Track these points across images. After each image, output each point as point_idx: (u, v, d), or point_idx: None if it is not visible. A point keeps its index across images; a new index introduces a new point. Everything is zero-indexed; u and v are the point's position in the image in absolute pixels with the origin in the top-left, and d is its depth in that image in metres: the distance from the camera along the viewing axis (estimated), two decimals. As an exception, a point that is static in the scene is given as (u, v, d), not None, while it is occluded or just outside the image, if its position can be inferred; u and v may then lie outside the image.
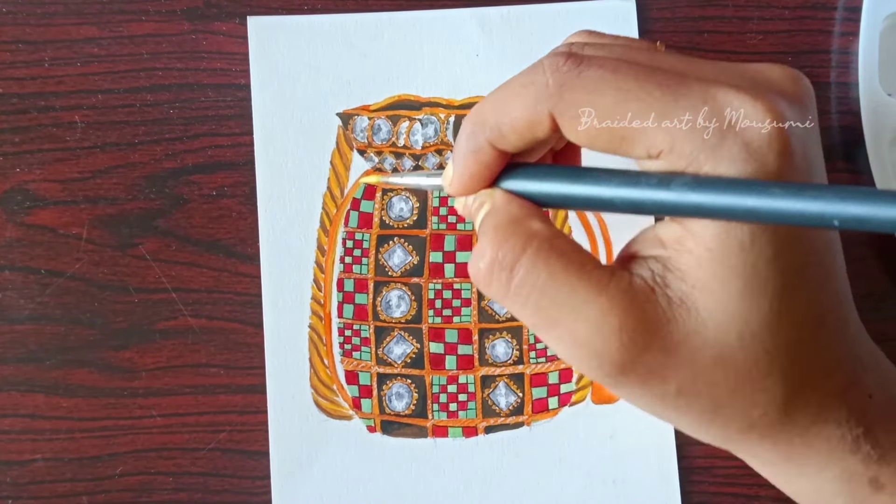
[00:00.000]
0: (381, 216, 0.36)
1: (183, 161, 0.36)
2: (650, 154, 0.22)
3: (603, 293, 0.22)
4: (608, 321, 0.22)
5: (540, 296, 0.23)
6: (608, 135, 0.22)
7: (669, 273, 0.22)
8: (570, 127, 0.23)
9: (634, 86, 0.22)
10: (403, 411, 0.35)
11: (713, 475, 0.35)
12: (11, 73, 0.36)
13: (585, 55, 0.23)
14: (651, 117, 0.21)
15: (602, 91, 0.22)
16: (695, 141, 0.21)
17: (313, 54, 0.36)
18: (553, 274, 0.22)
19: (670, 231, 0.22)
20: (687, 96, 0.21)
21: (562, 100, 0.22)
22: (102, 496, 0.35)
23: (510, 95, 0.24)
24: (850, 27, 0.37)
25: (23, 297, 0.35)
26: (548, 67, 0.23)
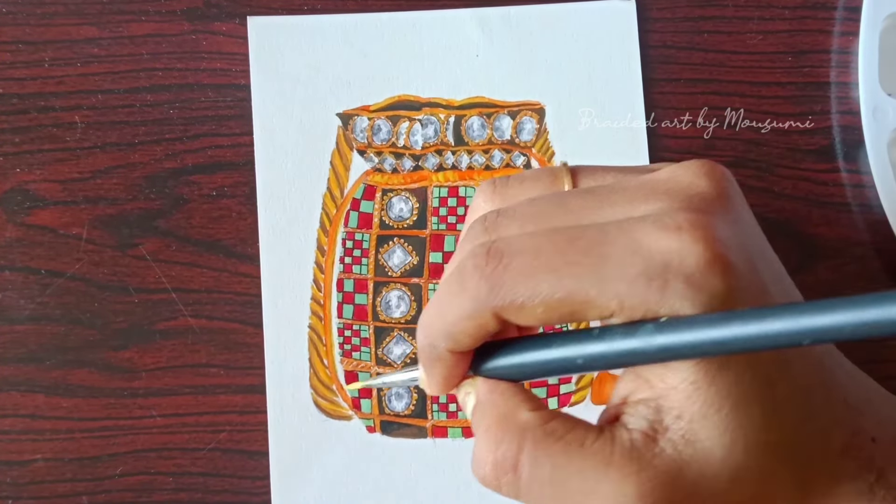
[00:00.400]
0: (380, 216, 0.36)
1: (183, 161, 0.36)
2: (603, 317, 0.22)
3: (610, 465, 0.22)
4: (625, 493, 0.21)
5: (552, 489, 0.22)
6: (557, 313, 0.22)
7: (663, 414, 0.22)
8: (517, 316, 0.22)
9: (562, 262, 0.21)
10: (403, 411, 0.35)
11: (713, 475, 0.35)
12: (11, 73, 0.36)
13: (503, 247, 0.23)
14: (590, 286, 0.21)
15: (536, 279, 0.22)
16: (639, 293, 0.21)
17: (313, 54, 0.36)
18: (556, 465, 0.22)
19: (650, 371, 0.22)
20: (613, 254, 0.21)
21: (498, 298, 0.22)
22: (102, 496, 0.35)
23: (448, 305, 0.23)
24: (850, 27, 0.37)
25: (23, 298, 0.35)
26: (473, 271, 0.23)
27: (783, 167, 0.37)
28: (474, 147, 0.36)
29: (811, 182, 0.37)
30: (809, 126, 0.37)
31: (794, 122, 0.37)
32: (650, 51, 0.37)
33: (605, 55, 0.36)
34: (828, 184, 0.37)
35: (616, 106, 0.36)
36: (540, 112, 0.36)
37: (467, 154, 0.36)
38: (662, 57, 0.37)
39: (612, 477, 0.22)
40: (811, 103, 0.37)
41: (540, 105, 0.36)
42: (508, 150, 0.36)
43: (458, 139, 0.36)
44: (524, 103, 0.36)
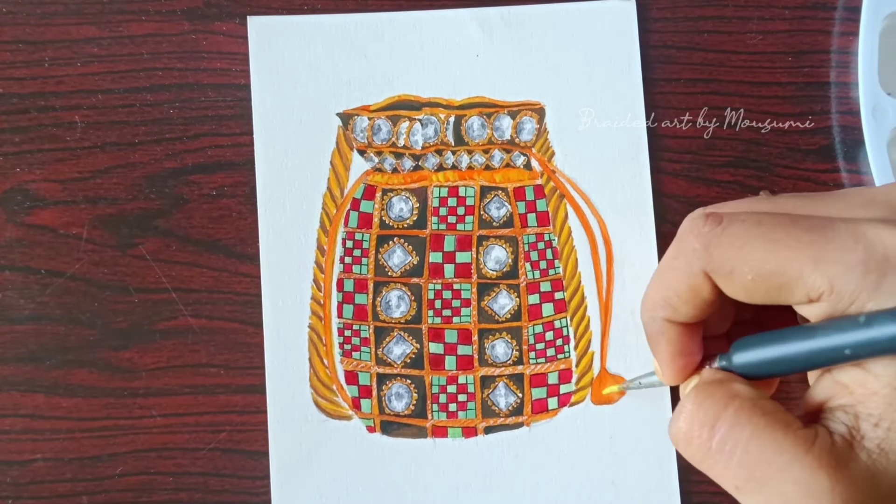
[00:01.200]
0: (380, 216, 0.36)
1: (183, 161, 0.36)
2: (810, 298, 0.22)
3: (810, 452, 0.22)
4: (819, 482, 0.21)
5: (744, 454, 0.22)
6: (765, 285, 0.22)
7: (861, 421, 0.22)
8: (727, 284, 0.23)
9: (783, 234, 0.22)
10: (403, 411, 0.35)
11: (713, 475, 0.35)
12: (11, 73, 0.36)
13: (723, 214, 0.23)
14: (806, 263, 0.22)
15: (751, 244, 0.22)
16: (855, 280, 0.21)
17: (313, 54, 0.36)
18: (757, 431, 0.22)
19: (849, 376, 0.22)
20: (836, 238, 0.21)
21: (712, 259, 0.23)
22: (102, 496, 0.35)
23: (665, 270, 0.24)
24: (849, 27, 0.37)
25: (23, 297, 0.35)
26: (690, 232, 0.24)
27: (783, 167, 0.37)
28: (474, 147, 0.36)
29: (811, 182, 0.37)
30: (809, 126, 0.37)
31: (794, 122, 0.37)
32: (650, 51, 0.37)
33: (605, 55, 0.36)
34: (828, 184, 0.37)
35: (616, 106, 0.36)
36: (540, 112, 0.36)
37: (467, 154, 0.36)
38: (662, 57, 0.37)
39: (809, 464, 0.21)
40: (811, 103, 0.37)
41: (540, 105, 0.36)
42: (508, 150, 0.36)
43: (458, 139, 0.36)
44: (524, 103, 0.36)
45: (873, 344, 0.21)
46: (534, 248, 0.36)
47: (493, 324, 0.35)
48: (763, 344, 0.24)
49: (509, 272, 0.36)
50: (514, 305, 0.36)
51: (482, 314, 0.35)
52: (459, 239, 0.36)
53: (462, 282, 0.36)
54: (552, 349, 0.35)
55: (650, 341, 0.26)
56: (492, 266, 0.36)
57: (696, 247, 0.23)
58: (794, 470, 0.21)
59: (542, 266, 0.36)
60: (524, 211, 0.36)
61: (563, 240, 0.36)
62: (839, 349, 0.22)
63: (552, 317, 0.36)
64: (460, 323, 0.35)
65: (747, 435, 0.22)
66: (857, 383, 0.22)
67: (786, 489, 0.21)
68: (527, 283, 0.36)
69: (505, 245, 0.36)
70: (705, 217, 0.24)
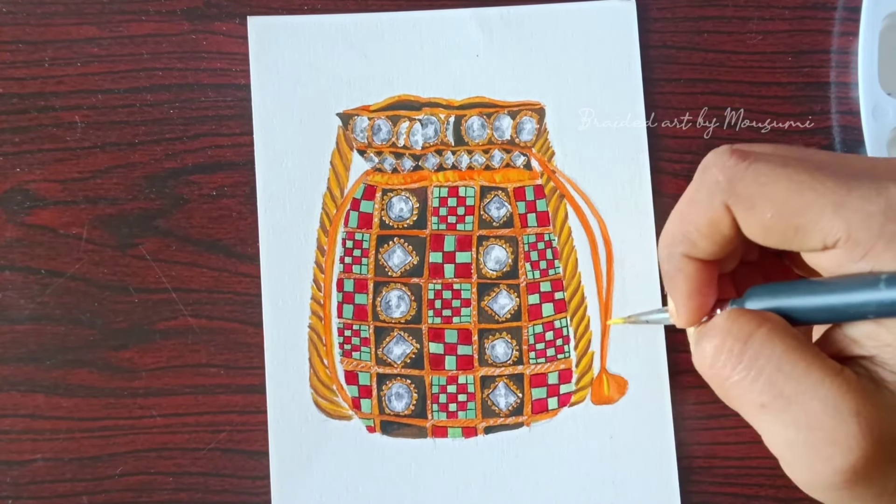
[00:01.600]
0: (380, 216, 0.36)
1: (183, 161, 0.36)
2: (826, 244, 0.22)
3: (839, 375, 0.22)
4: (846, 403, 0.21)
5: (774, 370, 0.22)
6: (783, 225, 0.23)
7: (878, 367, 0.22)
8: (746, 219, 0.23)
9: (807, 177, 0.22)
10: (403, 411, 0.35)
11: (713, 475, 0.35)
12: (11, 73, 0.36)
13: (749, 150, 0.23)
14: (827, 207, 0.22)
15: (775, 183, 0.22)
16: (872, 229, 0.21)
17: (313, 54, 0.36)
18: (788, 349, 0.22)
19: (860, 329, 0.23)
20: (860, 187, 0.22)
21: (734, 192, 0.23)
22: (102, 496, 0.35)
23: (687, 203, 0.25)
24: (849, 27, 0.37)
25: (23, 297, 0.35)
26: (714, 165, 0.24)
27: (783, 167, 0.36)
28: (474, 147, 0.36)
29: (811, 182, 0.37)
30: (809, 126, 0.37)
31: (794, 122, 0.37)
32: (650, 51, 0.37)
33: (605, 55, 0.36)
34: (828, 184, 0.36)
35: (616, 106, 0.36)
36: (540, 112, 0.36)
37: (467, 154, 0.36)
38: (662, 57, 0.37)
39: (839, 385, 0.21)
40: (811, 103, 0.37)
41: (540, 105, 0.36)
42: (508, 150, 0.36)
43: (458, 139, 0.36)
44: (524, 103, 0.36)
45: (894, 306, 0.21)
46: (534, 248, 0.36)
47: (493, 324, 0.35)
48: (779, 294, 0.24)
49: (509, 272, 0.36)
50: (514, 305, 0.36)
51: (482, 314, 0.35)
52: (459, 239, 0.36)
53: (462, 282, 0.36)
54: (552, 349, 0.35)
55: (666, 279, 0.26)
56: (492, 266, 0.36)
57: (720, 179, 0.23)
58: (823, 389, 0.22)
59: (542, 266, 0.36)
60: (524, 211, 0.36)
61: (563, 240, 0.36)
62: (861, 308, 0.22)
63: (552, 317, 0.36)
64: (460, 323, 0.35)
65: (779, 352, 0.22)
66: (869, 337, 0.22)
67: (813, 407, 0.22)
68: (527, 283, 0.36)
69: (505, 245, 0.36)
70: (731, 151, 0.24)
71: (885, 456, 0.21)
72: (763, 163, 0.23)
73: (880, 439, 0.21)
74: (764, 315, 0.23)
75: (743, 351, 0.23)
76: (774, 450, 0.23)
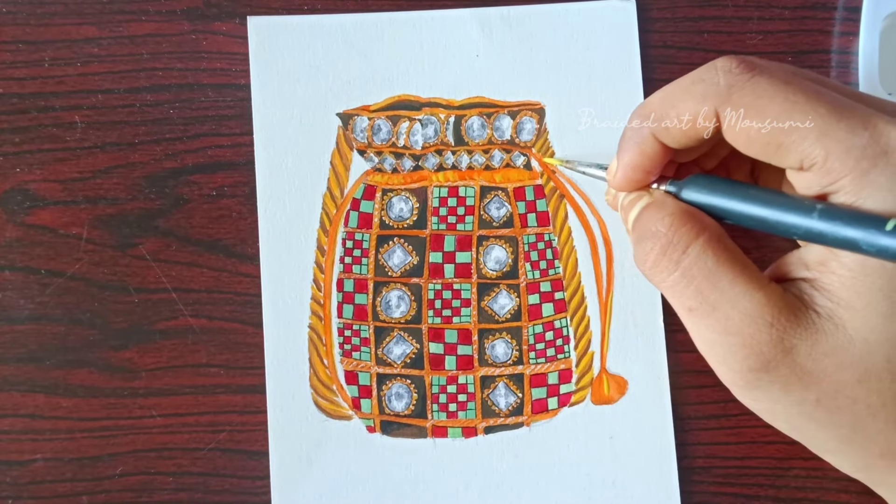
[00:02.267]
0: (380, 216, 0.36)
1: (183, 161, 0.36)
2: (802, 165, 0.23)
3: (761, 290, 0.23)
4: (763, 315, 0.23)
5: (704, 280, 0.24)
6: (766, 140, 0.23)
7: (816, 292, 0.23)
8: (731, 129, 0.24)
9: (803, 99, 0.23)
10: (403, 411, 0.35)
11: (713, 475, 0.35)
12: (11, 73, 0.36)
13: (757, 63, 0.24)
14: (812, 131, 0.22)
15: (771, 98, 0.23)
16: (847, 161, 0.22)
17: (313, 54, 0.36)
18: (720, 262, 0.24)
19: (814, 254, 0.24)
20: (850, 119, 0.22)
21: (729, 99, 0.24)
22: (102, 496, 0.35)
23: (680, 90, 0.25)
24: (850, 27, 0.37)
25: (23, 297, 0.35)
26: (720, 68, 0.24)
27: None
28: (474, 147, 0.36)
29: (811, 182, 0.37)
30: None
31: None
32: (650, 51, 0.37)
33: (605, 55, 0.36)
34: (828, 184, 0.36)
35: (616, 106, 0.36)
36: (540, 112, 0.36)
37: (467, 154, 0.36)
38: (662, 57, 0.37)
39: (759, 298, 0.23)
40: (811, 103, 0.37)
41: (540, 105, 0.36)
42: (508, 150, 0.36)
43: (458, 139, 0.36)
44: (524, 103, 0.36)
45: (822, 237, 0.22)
46: (534, 248, 0.36)
47: (493, 324, 0.35)
48: (718, 190, 0.25)
49: (509, 272, 0.36)
50: (514, 305, 0.36)
51: (482, 314, 0.35)
52: (459, 239, 0.36)
53: (462, 282, 0.36)
54: (552, 349, 0.35)
55: (622, 143, 0.27)
56: (492, 266, 0.36)
57: (721, 83, 0.24)
58: (744, 301, 0.23)
59: (542, 266, 0.36)
60: (524, 211, 0.36)
61: (563, 240, 0.36)
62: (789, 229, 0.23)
63: (552, 317, 0.36)
64: (460, 323, 0.35)
65: (711, 264, 0.24)
66: (819, 262, 0.23)
67: (732, 315, 0.23)
68: (527, 283, 0.36)
69: (505, 245, 0.36)
70: (740, 60, 0.24)
71: (800, 367, 0.23)
72: (766, 77, 0.23)
73: (791, 350, 0.23)
74: (702, 223, 0.25)
75: (679, 260, 0.24)
76: (699, 347, 0.25)
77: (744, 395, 0.25)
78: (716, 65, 0.25)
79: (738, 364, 0.23)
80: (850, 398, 0.23)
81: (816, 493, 0.35)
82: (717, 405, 0.35)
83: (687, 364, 0.35)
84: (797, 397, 0.23)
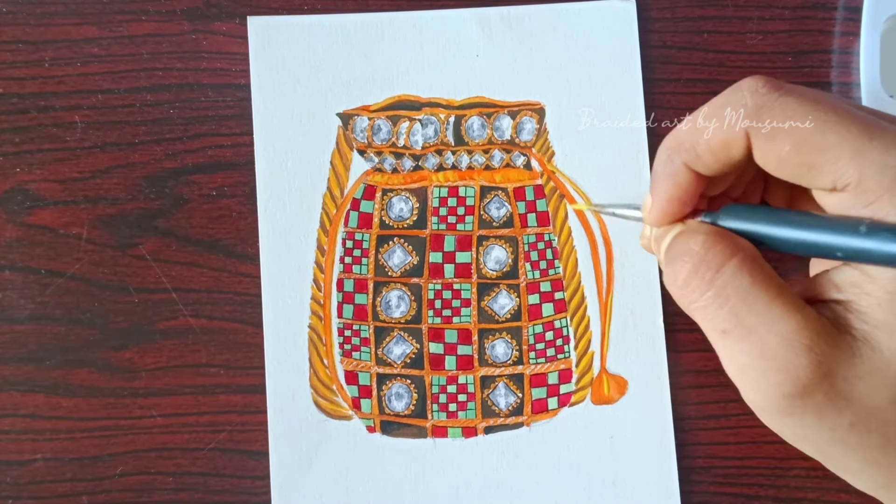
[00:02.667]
0: (380, 216, 0.36)
1: (183, 161, 0.36)
2: (836, 186, 0.22)
3: (798, 312, 0.23)
4: (800, 339, 0.22)
5: (740, 300, 0.23)
6: (798, 160, 0.23)
7: (851, 315, 0.23)
8: (763, 148, 0.24)
9: (835, 118, 0.22)
10: (403, 411, 0.35)
11: (713, 475, 0.35)
12: (11, 73, 0.36)
13: (784, 84, 0.24)
14: (845, 151, 0.22)
15: (801, 118, 0.23)
16: (883, 182, 0.22)
17: (313, 54, 0.36)
18: (756, 283, 0.23)
19: (846, 275, 0.23)
20: (882, 137, 0.22)
21: (759, 118, 0.23)
22: (102, 496, 0.35)
23: (706, 116, 0.25)
24: (850, 27, 0.37)
25: (23, 297, 0.35)
26: (746, 89, 0.24)
27: (783, 167, 0.36)
28: (474, 147, 0.36)
29: (811, 182, 0.37)
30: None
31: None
32: (650, 51, 0.37)
33: (605, 55, 0.36)
34: (828, 184, 0.36)
35: (616, 106, 0.36)
36: (540, 112, 0.36)
37: (467, 154, 0.36)
38: (662, 57, 0.37)
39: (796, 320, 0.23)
40: (811, 103, 0.37)
41: (540, 105, 0.36)
42: (508, 150, 0.36)
43: (458, 139, 0.36)
44: (524, 103, 0.36)
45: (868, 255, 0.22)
46: (534, 248, 0.36)
47: (493, 324, 0.35)
48: (754, 217, 0.25)
49: (509, 272, 0.36)
50: (514, 305, 0.36)
51: (482, 314, 0.35)
52: (459, 239, 0.36)
53: (462, 282, 0.36)
54: (552, 349, 0.35)
55: (655, 177, 0.27)
56: (492, 266, 0.36)
57: (749, 103, 0.24)
58: (781, 324, 0.23)
59: (542, 266, 0.36)
60: (524, 211, 0.36)
61: (563, 240, 0.36)
62: (831, 249, 0.23)
63: (552, 317, 0.36)
64: (460, 323, 0.35)
65: (746, 284, 0.23)
66: (851, 283, 0.23)
67: (769, 339, 0.23)
68: (527, 283, 0.36)
69: (505, 245, 0.36)
70: (766, 80, 0.24)
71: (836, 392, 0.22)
72: (794, 96, 0.23)
73: (829, 374, 0.22)
74: (737, 244, 0.24)
75: (713, 279, 0.24)
76: (730, 372, 0.24)
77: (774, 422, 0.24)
78: (741, 86, 0.24)
79: (772, 389, 0.23)
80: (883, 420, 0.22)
81: (816, 493, 0.35)
82: (717, 405, 0.35)
83: (687, 364, 0.35)
84: (830, 423, 0.23)
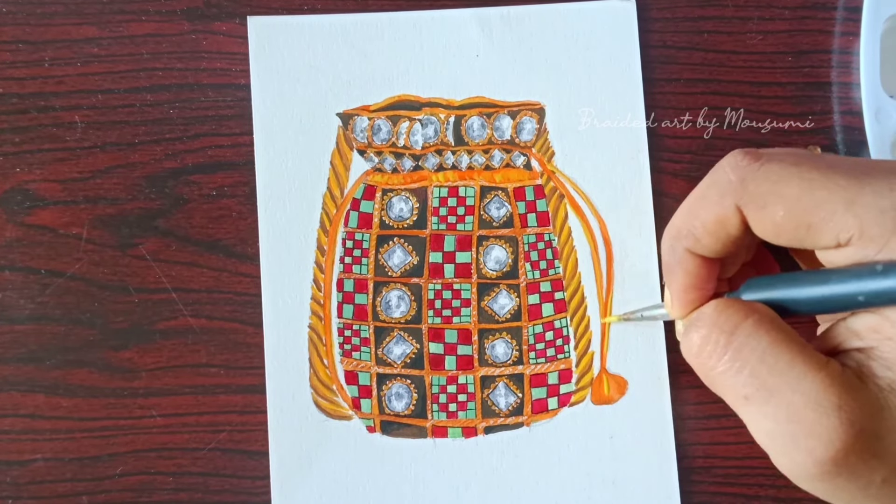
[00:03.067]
0: (380, 216, 0.36)
1: (183, 161, 0.36)
2: (839, 241, 0.22)
3: (822, 370, 0.22)
4: (828, 398, 0.21)
5: (758, 362, 0.22)
6: (794, 224, 0.22)
7: (873, 362, 0.22)
8: (757, 218, 0.23)
9: (819, 175, 0.22)
10: (403, 411, 0.35)
11: (713, 475, 0.35)
12: (11, 73, 0.36)
13: (763, 152, 0.24)
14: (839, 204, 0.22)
15: (787, 181, 0.22)
16: (885, 225, 0.21)
17: (313, 54, 0.36)
18: (774, 343, 0.22)
19: (865, 321, 0.22)
20: (872, 183, 0.22)
21: (746, 191, 0.23)
22: (102, 496, 0.35)
23: (696, 199, 0.25)
24: (850, 27, 0.37)
25: (23, 297, 0.35)
26: (727, 165, 0.24)
27: (783, 167, 0.36)
28: (474, 147, 0.36)
29: (811, 182, 0.36)
30: (810, 126, 0.37)
31: (795, 122, 0.37)
32: (650, 51, 0.37)
33: (605, 55, 0.36)
34: (828, 184, 0.36)
35: (616, 106, 0.36)
36: (540, 112, 0.36)
37: (467, 154, 0.36)
38: (662, 57, 0.37)
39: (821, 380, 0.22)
40: (811, 103, 0.37)
41: (540, 105, 0.36)
42: (508, 150, 0.36)
43: (458, 139, 0.36)
44: (524, 103, 0.36)
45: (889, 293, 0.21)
46: (534, 248, 0.36)
47: (493, 324, 0.35)
48: (775, 285, 0.24)
49: (509, 272, 0.36)
50: (514, 305, 0.36)
51: (482, 314, 0.35)
52: (459, 239, 0.36)
53: (462, 282, 0.36)
54: (552, 349, 0.35)
55: (666, 270, 0.27)
56: (492, 266, 0.36)
57: (732, 179, 0.23)
58: (805, 383, 0.22)
59: (542, 266, 0.36)
60: (524, 211, 0.36)
61: (563, 240, 0.36)
62: (853, 295, 0.22)
63: (552, 317, 0.36)
64: (460, 323, 0.35)
65: (764, 345, 0.22)
66: (871, 329, 0.22)
67: (794, 400, 0.22)
68: (527, 283, 0.36)
69: (505, 245, 0.36)
70: (744, 153, 0.24)
71: (868, 450, 0.21)
72: (775, 162, 0.23)
73: (861, 433, 0.21)
74: (752, 306, 0.23)
75: (729, 342, 0.23)
76: (758, 439, 0.23)
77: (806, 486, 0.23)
78: (722, 164, 0.24)
79: (801, 455, 0.22)
80: None
81: (816, 494, 0.35)
82: (717, 405, 0.35)
83: (687, 364, 0.35)
84: (864, 482, 0.22)
